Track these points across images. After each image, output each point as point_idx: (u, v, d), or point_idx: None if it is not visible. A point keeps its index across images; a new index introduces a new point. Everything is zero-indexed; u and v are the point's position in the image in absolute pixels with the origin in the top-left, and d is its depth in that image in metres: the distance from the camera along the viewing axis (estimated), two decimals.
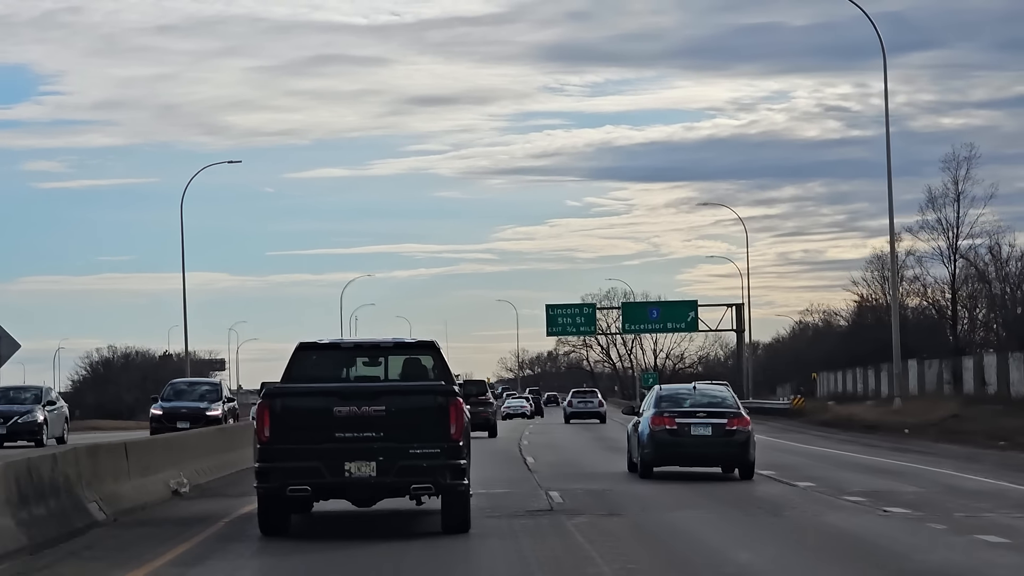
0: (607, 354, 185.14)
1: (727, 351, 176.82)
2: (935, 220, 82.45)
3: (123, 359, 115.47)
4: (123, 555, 16.00)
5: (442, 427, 17.04)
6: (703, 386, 31.46)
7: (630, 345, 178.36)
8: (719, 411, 28.04)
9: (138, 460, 21.90)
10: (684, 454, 27.97)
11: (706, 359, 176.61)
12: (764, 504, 21.99)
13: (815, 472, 29.76)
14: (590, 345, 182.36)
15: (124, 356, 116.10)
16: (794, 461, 34.30)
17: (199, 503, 22.53)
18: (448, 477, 17.08)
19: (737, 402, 29.02)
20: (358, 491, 17.47)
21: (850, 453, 39.12)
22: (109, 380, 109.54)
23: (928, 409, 57.88)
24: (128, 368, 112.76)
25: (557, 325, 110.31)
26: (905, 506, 21.32)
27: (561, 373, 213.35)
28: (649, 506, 21.79)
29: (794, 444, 45.84)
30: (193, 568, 15.09)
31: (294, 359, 19.06)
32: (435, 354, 19.13)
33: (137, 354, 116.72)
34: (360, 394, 17.23)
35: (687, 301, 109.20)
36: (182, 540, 17.33)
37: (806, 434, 55.92)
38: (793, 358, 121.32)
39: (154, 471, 22.80)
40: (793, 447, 43.59)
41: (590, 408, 79.59)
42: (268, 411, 17.10)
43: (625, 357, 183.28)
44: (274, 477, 17.06)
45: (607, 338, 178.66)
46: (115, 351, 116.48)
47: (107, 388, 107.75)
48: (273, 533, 17.69)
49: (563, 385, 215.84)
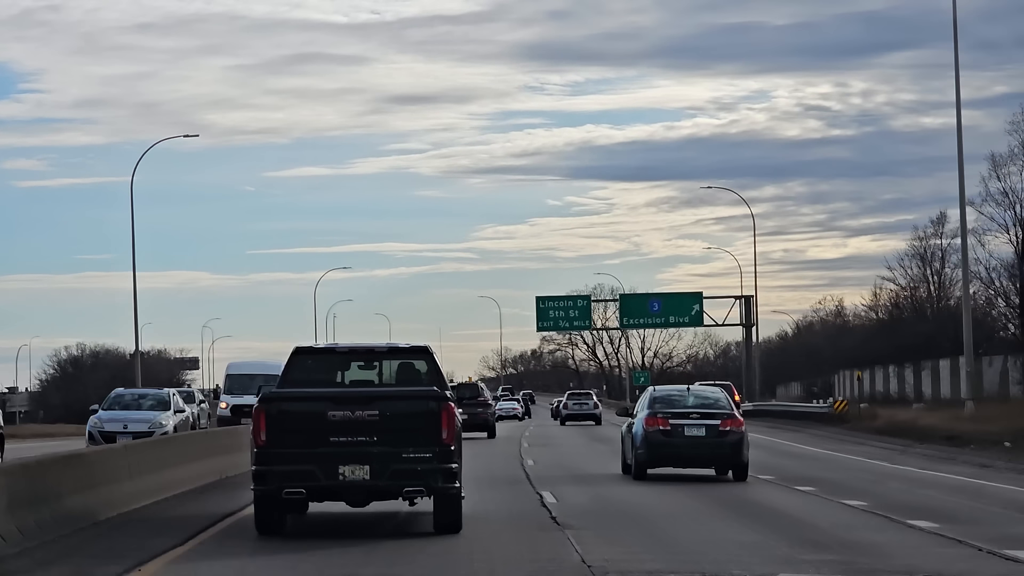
0: (593, 352, 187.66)
1: (717, 349, 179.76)
2: (1000, 192, 77.10)
3: (92, 357, 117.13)
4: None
5: (434, 432, 18.72)
6: (697, 388, 33.21)
7: (617, 343, 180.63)
8: (713, 412, 29.82)
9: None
10: (678, 455, 29.76)
11: (696, 358, 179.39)
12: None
13: (977, 513, 22.90)
14: (576, 343, 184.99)
15: (94, 354, 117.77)
16: (928, 497, 26.16)
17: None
18: (440, 480, 18.76)
19: (731, 403, 30.80)
20: (352, 494, 19.16)
21: (983, 481, 30.30)
22: (78, 379, 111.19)
23: (1009, 414, 51.05)
24: (97, 367, 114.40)
25: (548, 319, 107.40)
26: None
27: (546, 372, 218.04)
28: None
29: (875, 463, 37.64)
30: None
31: (290, 363, 20.81)
32: (428, 359, 20.85)
33: (107, 352, 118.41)
34: (354, 399, 18.95)
35: (691, 293, 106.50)
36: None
37: (868, 446, 47.88)
38: (804, 356, 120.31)
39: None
40: (880, 467, 35.43)
41: (585, 410, 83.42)
42: (264, 415, 18.79)
43: (612, 355, 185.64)
44: (270, 480, 18.75)
45: (594, 336, 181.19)
46: (84, 349, 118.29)
47: (75, 387, 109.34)
48: (269, 533, 19.38)
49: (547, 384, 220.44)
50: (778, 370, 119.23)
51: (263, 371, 50.90)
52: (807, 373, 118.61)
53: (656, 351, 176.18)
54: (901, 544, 18.46)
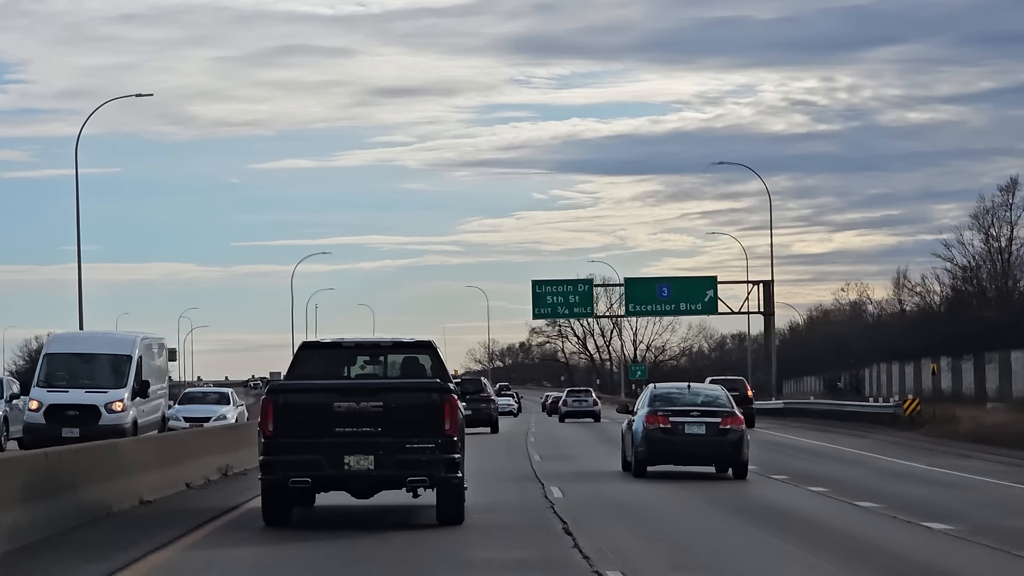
0: (584, 345, 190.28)
1: (712, 343, 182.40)
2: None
3: None
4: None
5: (437, 423, 20.56)
6: (697, 385, 35.12)
7: (609, 335, 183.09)
8: (713, 410, 31.73)
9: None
10: (678, 453, 31.69)
11: (690, 351, 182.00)
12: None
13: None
14: (566, 336, 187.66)
15: None
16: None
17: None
18: (443, 470, 20.61)
19: (731, 401, 32.69)
20: (357, 483, 21.02)
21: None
22: None
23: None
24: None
25: (545, 305, 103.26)
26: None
27: (535, 365, 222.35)
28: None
29: (1008, 484, 30.66)
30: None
31: (297, 357, 22.79)
32: (432, 353, 22.78)
33: None
34: (359, 391, 20.83)
35: (705, 278, 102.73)
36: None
37: (975, 459, 40.24)
38: (823, 348, 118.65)
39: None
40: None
41: (584, 407, 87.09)
42: (272, 406, 20.65)
43: (604, 348, 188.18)
44: (277, 469, 20.61)
45: (584, 328, 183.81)
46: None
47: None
48: (276, 523, 21.23)
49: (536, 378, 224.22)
50: (784, 363, 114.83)
51: (102, 349, 40.46)
52: (822, 367, 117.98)
53: (649, 344, 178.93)
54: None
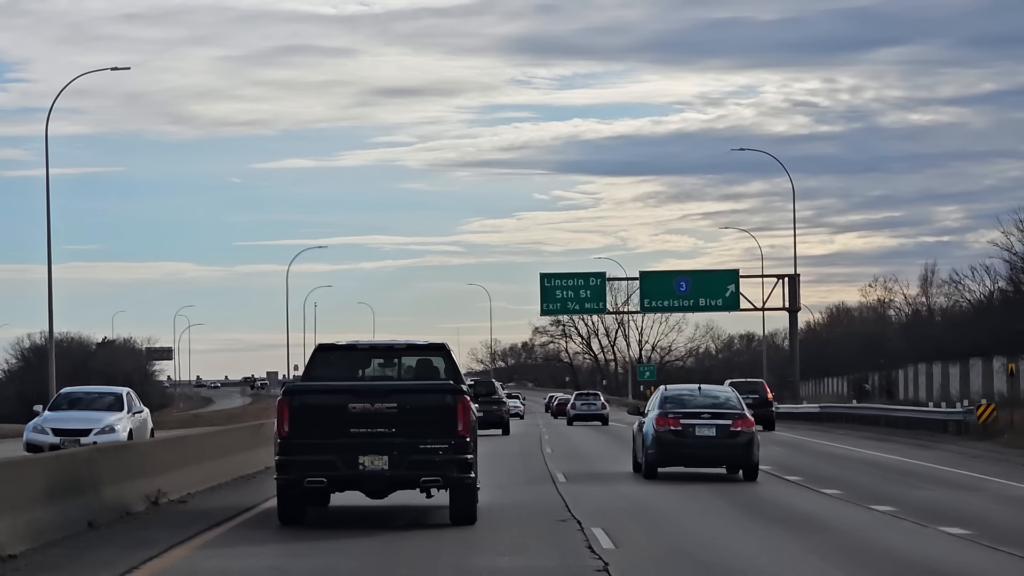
0: (588, 345, 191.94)
1: (719, 343, 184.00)
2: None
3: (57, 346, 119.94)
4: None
5: (450, 424, 21.92)
6: (708, 387, 36.49)
7: (614, 335, 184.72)
8: (723, 412, 33.14)
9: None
10: (688, 455, 33.12)
11: (697, 352, 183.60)
12: None
13: None
14: (570, 335, 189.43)
15: (58, 343, 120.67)
16: None
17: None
18: (456, 471, 21.97)
19: (741, 403, 34.09)
20: (371, 483, 22.38)
21: None
22: (42, 370, 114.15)
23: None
24: (60, 356, 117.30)
25: (554, 300, 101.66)
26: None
27: (537, 365, 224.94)
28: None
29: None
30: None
31: (313, 359, 24.19)
32: (445, 355, 24.19)
33: (72, 340, 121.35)
34: (373, 392, 22.18)
35: (726, 271, 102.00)
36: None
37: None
38: (849, 348, 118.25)
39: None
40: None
41: (593, 410, 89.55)
42: (287, 407, 22.01)
43: (608, 348, 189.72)
44: (292, 469, 21.98)
45: (588, 327, 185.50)
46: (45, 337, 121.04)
47: (35, 378, 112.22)
48: (291, 523, 22.59)
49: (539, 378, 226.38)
50: (802, 363, 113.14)
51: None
52: (846, 368, 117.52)
53: (655, 344, 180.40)
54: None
